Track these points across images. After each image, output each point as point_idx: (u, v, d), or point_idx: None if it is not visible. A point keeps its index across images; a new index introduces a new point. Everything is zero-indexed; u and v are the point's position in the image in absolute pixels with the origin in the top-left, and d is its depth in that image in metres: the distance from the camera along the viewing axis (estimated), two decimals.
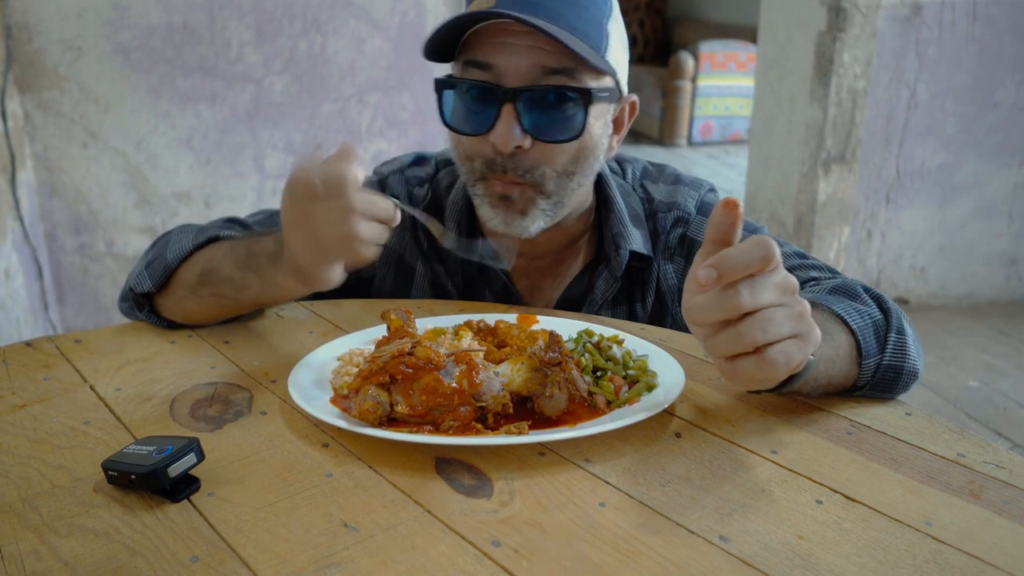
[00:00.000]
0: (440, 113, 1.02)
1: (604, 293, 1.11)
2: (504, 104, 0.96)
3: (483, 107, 0.98)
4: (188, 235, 1.04)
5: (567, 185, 1.02)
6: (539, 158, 0.99)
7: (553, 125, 0.98)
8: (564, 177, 1.01)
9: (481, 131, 0.98)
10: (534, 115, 0.97)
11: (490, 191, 1.02)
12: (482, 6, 0.96)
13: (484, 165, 1.01)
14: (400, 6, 2.98)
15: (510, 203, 1.01)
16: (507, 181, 1.00)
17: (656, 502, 0.66)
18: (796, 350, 0.65)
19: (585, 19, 0.97)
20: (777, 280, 0.65)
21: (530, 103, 0.96)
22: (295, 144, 2.98)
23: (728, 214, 0.65)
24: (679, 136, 6.76)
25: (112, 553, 0.60)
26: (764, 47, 3.67)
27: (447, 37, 0.98)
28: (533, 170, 0.99)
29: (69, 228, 2.75)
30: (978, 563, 0.60)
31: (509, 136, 0.96)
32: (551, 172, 1.00)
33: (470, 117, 1.00)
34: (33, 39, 2.52)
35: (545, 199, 1.02)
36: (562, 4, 0.95)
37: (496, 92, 0.96)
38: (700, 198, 1.14)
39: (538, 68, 0.95)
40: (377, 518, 0.64)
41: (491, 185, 1.02)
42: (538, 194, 1.01)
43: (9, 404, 0.83)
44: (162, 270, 1.01)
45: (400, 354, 0.76)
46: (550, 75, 0.96)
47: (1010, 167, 3.49)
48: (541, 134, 0.98)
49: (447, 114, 1.02)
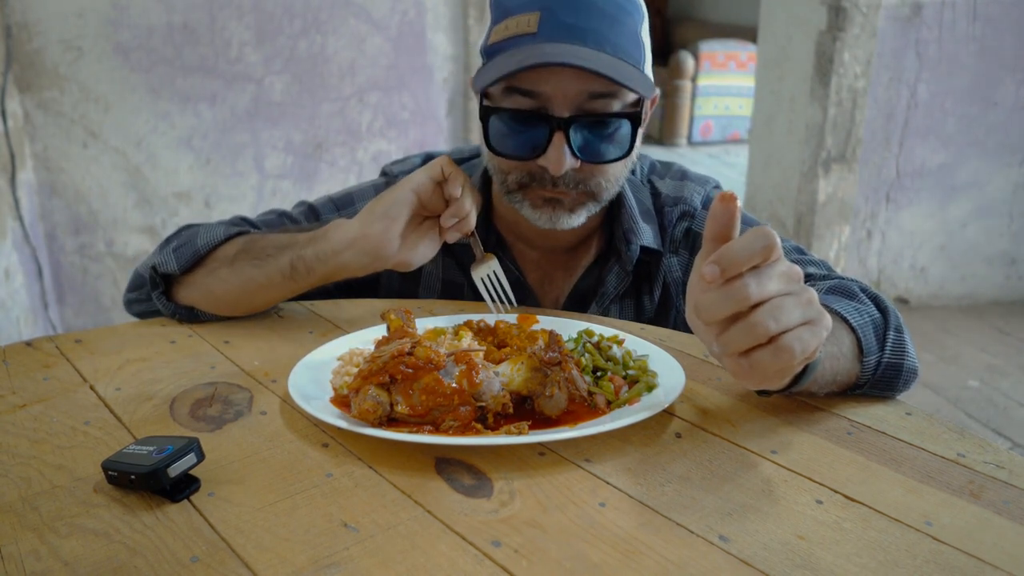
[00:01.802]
0: (485, 137, 1.02)
1: (616, 287, 1.13)
2: (555, 132, 0.96)
3: (532, 133, 0.98)
4: (219, 227, 1.07)
5: (614, 190, 1.06)
6: (589, 173, 1.01)
7: (603, 147, 0.99)
8: (612, 186, 1.05)
9: (531, 156, 0.99)
10: (584, 139, 0.98)
11: (531, 197, 1.03)
12: (522, 27, 0.95)
13: (526, 177, 1.02)
14: (400, 6, 2.98)
15: (558, 204, 1.03)
16: (557, 192, 1.02)
17: (656, 502, 0.66)
18: (810, 336, 0.65)
19: (625, 35, 0.97)
20: (782, 269, 0.65)
21: (580, 129, 0.97)
22: (295, 144, 2.99)
23: (725, 208, 0.65)
24: (679, 136, 6.76)
25: (112, 553, 0.60)
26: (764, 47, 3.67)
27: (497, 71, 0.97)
28: (586, 182, 1.01)
29: (69, 228, 2.75)
30: (978, 563, 0.60)
31: (561, 162, 0.97)
32: (604, 183, 1.03)
33: (518, 141, 1.00)
34: (33, 39, 2.52)
35: (594, 203, 1.05)
36: (605, 25, 0.95)
37: (546, 120, 0.96)
38: (706, 194, 1.16)
39: (585, 94, 0.95)
40: (377, 518, 0.64)
41: (533, 192, 1.03)
42: (589, 199, 1.03)
43: (9, 404, 0.83)
44: (191, 254, 1.02)
45: (400, 354, 0.76)
46: (596, 99, 0.96)
47: (1010, 167, 3.49)
48: (591, 156, 0.99)
49: (492, 137, 1.01)
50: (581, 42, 0.94)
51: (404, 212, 0.96)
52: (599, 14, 0.95)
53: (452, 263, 1.16)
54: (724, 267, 0.62)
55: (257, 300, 1.03)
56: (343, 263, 0.97)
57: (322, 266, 0.98)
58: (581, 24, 0.94)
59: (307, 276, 0.99)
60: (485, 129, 1.02)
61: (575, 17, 0.94)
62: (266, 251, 1.00)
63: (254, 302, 1.04)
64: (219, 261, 1.02)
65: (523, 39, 0.95)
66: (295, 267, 0.98)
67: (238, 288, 1.01)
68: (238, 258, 1.01)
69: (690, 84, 6.60)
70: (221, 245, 1.04)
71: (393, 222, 0.95)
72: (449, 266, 1.16)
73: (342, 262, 0.97)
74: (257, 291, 1.02)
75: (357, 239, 0.96)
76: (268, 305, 1.06)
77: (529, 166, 1.01)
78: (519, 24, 0.96)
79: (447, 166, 0.96)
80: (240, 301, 1.03)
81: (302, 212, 1.17)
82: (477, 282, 1.05)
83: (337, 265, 0.97)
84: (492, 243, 1.16)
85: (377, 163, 3.11)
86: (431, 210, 0.99)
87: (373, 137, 3.10)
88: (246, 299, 1.03)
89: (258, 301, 1.04)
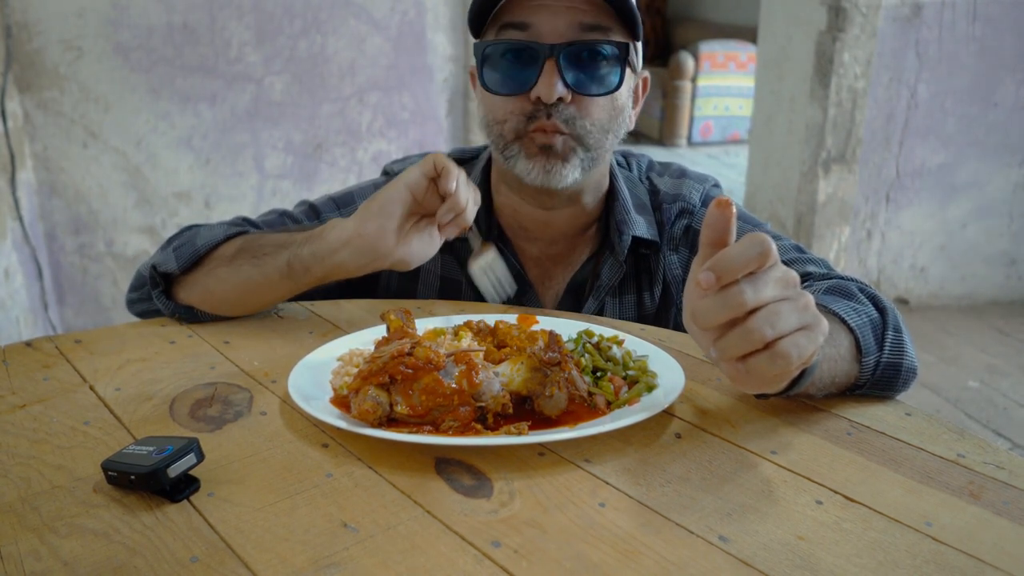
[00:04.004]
0: (480, 76, 1.05)
1: (610, 279, 1.13)
2: (546, 60, 0.99)
3: (524, 66, 1.01)
4: (220, 227, 1.07)
5: (604, 141, 1.06)
6: (578, 111, 1.02)
7: (592, 79, 1.01)
8: (601, 133, 1.05)
9: (524, 89, 1.02)
10: (574, 70, 1.00)
11: (528, 144, 1.04)
12: None
13: (524, 120, 1.03)
14: (400, 6, 2.98)
15: (551, 151, 1.03)
16: (550, 130, 1.02)
17: (656, 502, 0.66)
18: (807, 341, 0.65)
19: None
20: (778, 275, 0.65)
21: (570, 58, 1.00)
22: (295, 144, 2.99)
23: (721, 214, 0.65)
24: (679, 136, 6.76)
25: (112, 553, 0.60)
26: (764, 47, 3.67)
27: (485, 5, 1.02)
28: (574, 121, 1.02)
29: (69, 228, 2.75)
30: (978, 563, 0.60)
31: (553, 88, 0.99)
32: (590, 126, 1.03)
33: (511, 77, 1.03)
34: (33, 39, 2.52)
35: (584, 151, 1.05)
36: None
37: (538, 49, 0.99)
38: (705, 191, 1.17)
39: (576, 25, 0.99)
40: (377, 518, 0.64)
41: (530, 138, 1.04)
42: (579, 144, 1.04)
43: (9, 404, 0.83)
44: (190, 254, 1.03)
45: (400, 354, 0.76)
46: (588, 31, 1.00)
47: (1010, 167, 3.49)
48: (581, 88, 1.01)
49: (487, 77, 1.04)
50: None
51: (398, 210, 0.95)
52: None
53: (451, 260, 1.16)
54: (720, 273, 0.62)
55: (256, 300, 1.03)
56: (340, 262, 0.96)
57: (319, 266, 0.97)
58: None
59: (304, 276, 0.99)
60: (480, 71, 1.04)
61: None
62: (264, 250, 1.00)
63: (253, 302, 1.04)
64: (218, 260, 1.02)
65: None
66: (292, 266, 0.98)
67: (237, 288, 1.01)
68: (237, 257, 1.01)
69: (690, 85, 6.60)
70: (220, 245, 1.04)
71: (388, 220, 0.95)
72: (448, 263, 1.17)
73: (339, 261, 0.96)
74: (255, 290, 1.01)
75: (352, 238, 0.95)
76: (268, 305, 1.06)
77: (523, 105, 1.02)
78: None
79: (440, 161, 0.95)
80: (239, 301, 1.03)
81: (303, 211, 1.18)
82: (476, 273, 1.04)
83: (334, 264, 0.97)
84: (493, 238, 1.16)
85: (377, 163, 3.11)
86: (427, 207, 0.98)
87: (373, 137, 3.10)
88: (245, 299, 1.03)
89: (257, 301, 1.04)
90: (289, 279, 0.99)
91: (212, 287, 1.02)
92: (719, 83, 6.64)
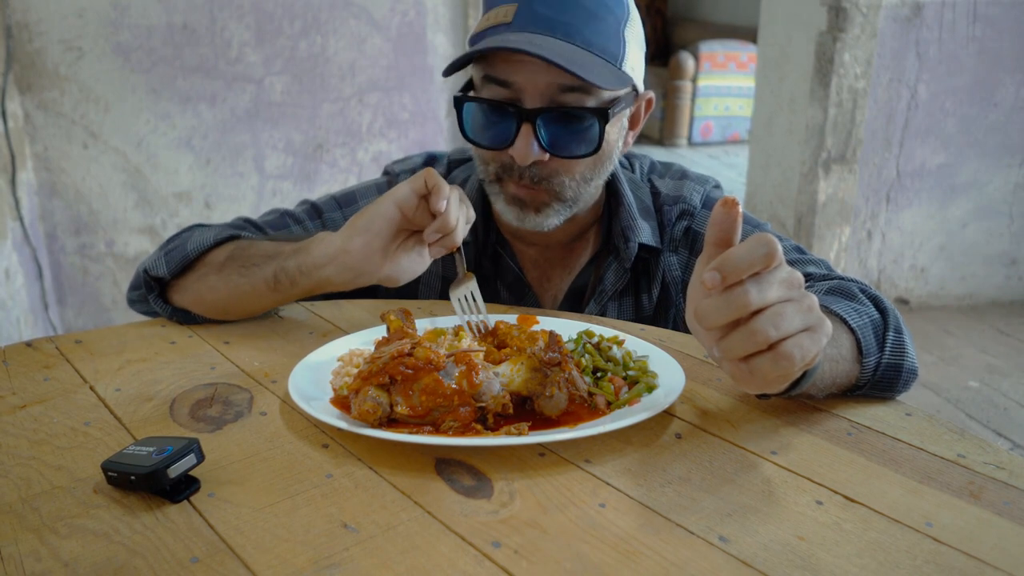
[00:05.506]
0: (460, 126, 1.03)
1: (614, 284, 1.13)
2: (523, 123, 0.98)
3: (502, 122, 1.00)
4: (210, 231, 1.06)
5: (584, 190, 1.06)
6: (557, 169, 1.02)
7: (571, 141, 1.00)
8: (581, 183, 1.04)
9: (501, 146, 1.01)
10: (552, 132, 0.99)
11: (505, 190, 1.05)
12: (500, 18, 0.97)
13: (501, 169, 1.04)
14: (400, 6, 2.98)
15: (524, 204, 1.04)
16: (522, 186, 1.03)
17: (656, 503, 0.66)
18: (810, 343, 0.65)
19: (602, 32, 0.98)
20: (782, 276, 0.65)
21: (548, 122, 0.98)
22: (295, 144, 2.99)
23: (727, 214, 0.65)
24: (679, 136, 6.76)
25: (112, 554, 0.60)
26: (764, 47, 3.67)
27: (470, 57, 1.00)
28: (551, 179, 1.02)
29: (69, 228, 2.75)
30: (978, 564, 0.60)
31: (528, 153, 0.98)
32: (569, 181, 1.03)
33: (490, 131, 1.02)
34: (33, 39, 2.52)
35: (560, 203, 1.05)
36: (580, 19, 0.96)
37: (516, 110, 0.98)
38: (706, 193, 1.16)
39: (555, 86, 0.97)
40: (377, 519, 0.64)
41: (506, 186, 1.05)
42: (553, 199, 1.04)
43: (9, 404, 0.83)
44: (179, 259, 1.03)
45: (400, 355, 0.76)
46: (567, 92, 0.97)
47: (1010, 167, 3.49)
48: (559, 150, 1.00)
49: (467, 126, 1.03)
50: (550, 33, 0.95)
51: (386, 227, 0.91)
52: (576, 7, 0.97)
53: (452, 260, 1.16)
54: (725, 273, 0.62)
55: (247, 307, 1.03)
56: (326, 277, 0.94)
57: (305, 279, 0.95)
58: (555, 16, 0.96)
59: (291, 288, 0.97)
60: (460, 118, 1.03)
61: (551, 9, 0.96)
62: (252, 260, 0.99)
63: (244, 309, 1.03)
64: (209, 267, 1.02)
65: (498, 28, 0.97)
66: (279, 279, 0.97)
67: (227, 295, 1.01)
68: (226, 265, 1.00)
69: (690, 85, 6.60)
70: (211, 250, 1.03)
71: (375, 237, 0.91)
72: (449, 264, 1.17)
73: (325, 276, 0.94)
74: (245, 299, 1.01)
75: (338, 254, 0.92)
76: (260, 312, 1.05)
77: (502, 156, 1.02)
78: (498, 15, 0.98)
79: (431, 179, 0.90)
80: (230, 308, 1.03)
81: (305, 211, 1.17)
82: (454, 302, 0.99)
83: (320, 279, 0.95)
84: (492, 241, 1.16)
85: (377, 163, 3.11)
86: (417, 224, 0.93)
87: (373, 138, 3.10)
88: (236, 306, 1.03)
89: (248, 308, 1.03)
90: (276, 291, 0.98)
91: (204, 293, 1.02)
92: (719, 83, 6.64)
